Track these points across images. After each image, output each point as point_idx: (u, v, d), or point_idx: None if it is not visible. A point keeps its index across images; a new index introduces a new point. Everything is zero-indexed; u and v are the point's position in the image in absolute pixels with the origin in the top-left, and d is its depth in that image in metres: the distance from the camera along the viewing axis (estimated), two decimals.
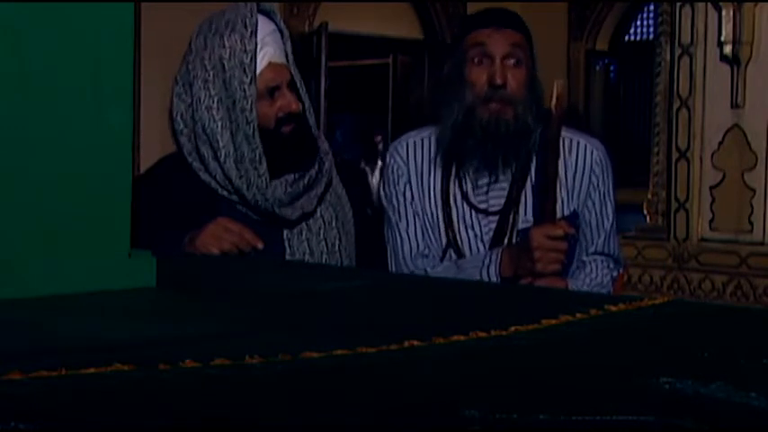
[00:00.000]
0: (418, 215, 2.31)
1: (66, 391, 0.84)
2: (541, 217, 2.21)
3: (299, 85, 2.17)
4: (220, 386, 0.87)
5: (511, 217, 2.26)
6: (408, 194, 2.32)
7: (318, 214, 2.20)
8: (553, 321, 1.17)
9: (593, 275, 2.31)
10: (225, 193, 2.15)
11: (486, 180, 2.27)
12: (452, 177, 2.30)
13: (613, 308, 1.26)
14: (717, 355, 1.01)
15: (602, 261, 2.33)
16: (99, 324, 1.20)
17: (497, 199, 2.27)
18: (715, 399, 0.84)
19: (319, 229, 2.20)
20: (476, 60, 2.22)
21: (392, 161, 2.35)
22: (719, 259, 4.76)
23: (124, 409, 0.81)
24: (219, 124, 2.10)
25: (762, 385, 0.87)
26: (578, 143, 2.32)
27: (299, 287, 1.56)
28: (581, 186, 2.29)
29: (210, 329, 1.16)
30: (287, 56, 2.16)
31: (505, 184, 2.27)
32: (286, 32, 2.17)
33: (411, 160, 2.33)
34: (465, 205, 2.29)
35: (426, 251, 2.31)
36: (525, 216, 2.26)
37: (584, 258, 2.32)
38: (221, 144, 2.11)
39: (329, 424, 0.78)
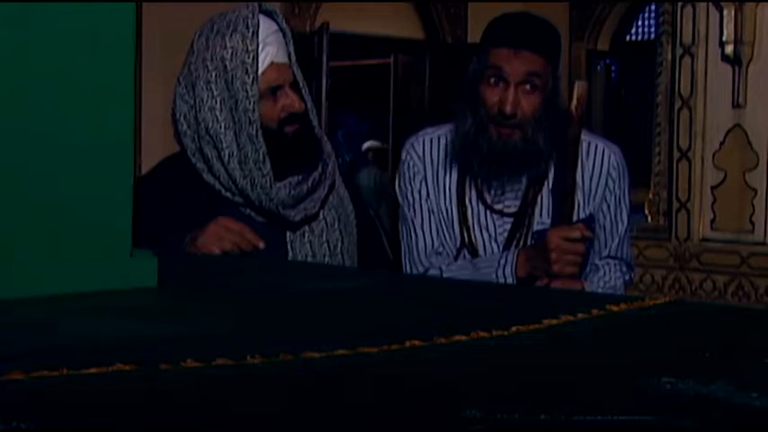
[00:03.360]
0: (433, 212, 2.32)
1: (68, 391, 0.84)
2: (559, 219, 2.20)
3: (301, 85, 2.17)
4: (221, 386, 0.87)
5: (526, 219, 2.26)
6: (424, 191, 2.33)
7: (321, 216, 2.21)
8: (554, 321, 1.17)
9: (606, 278, 2.31)
10: (228, 194, 2.15)
11: (500, 182, 2.27)
12: (468, 177, 2.30)
13: (615, 308, 1.26)
14: (718, 356, 1.01)
15: (615, 265, 2.33)
16: (100, 324, 1.20)
17: (513, 200, 2.27)
18: (716, 399, 0.84)
19: (322, 230, 2.20)
20: (492, 81, 2.21)
21: (408, 157, 2.35)
22: (721, 259, 4.76)
23: (125, 408, 0.81)
24: (223, 125, 2.11)
25: (763, 385, 0.87)
26: (596, 146, 2.32)
27: (301, 287, 1.56)
28: (597, 190, 2.28)
29: (212, 329, 1.16)
30: (290, 56, 2.16)
31: (522, 186, 2.27)
32: (288, 33, 2.17)
33: (427, 157, 2.33)
34: (480, 205, 2.29)
35: (441, 248, 2.31)
36: (540, 218, 2.26)
37: (597, 262, 2.32)
38: (225, 145, 2.11)
39: (329, 424, 0.78)
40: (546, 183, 2.27)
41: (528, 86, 2.19)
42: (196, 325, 1.19)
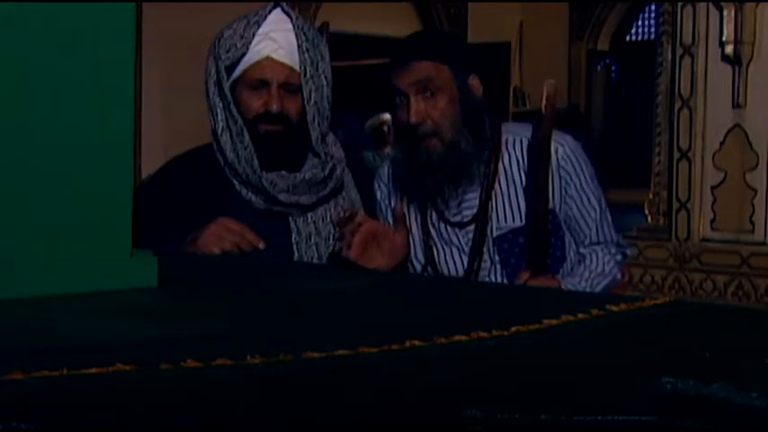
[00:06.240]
0: None
1: (68, 391, 0.84)
2: (534, 218, 2.21)
3: (306, 94, 2.16)
4: (221, 386, 0.87)
5: (485, 225, 2.27)
6: (390, 219, 2.34)
7: (329, 219, 2.21)
8: (554, 321, 1.17)
9: (592, 266, 2.31)
10: (230, 170, 2.19)
11: (453, 194, 2.28)
12: (426, 198, 2.31)
13: (615, 308, 1.26)
14: (718, 356, 1.01)
15: (601, 249, 2.33)
16: (100, 324, 1.20)
17: (470, 210, 2.28)
18: (716, 399, 0.84)
19: (329, 233, 2.21)
20: (398, 101, 2.24)
21: (376, 186, 2.38)
22: (721, 259, 4.76)
23: (126, 408, 0.81)
24: (218, 99, 2.19)
25: (763, 385, 0.87)
26: None
27: (301, 287, 1.56)
28: (552, 186, 2.28)
29: (212, 329, 1.16)
30: (303, 65, 2.15)
31: (475, 194, 2.28)
32: (309, 42, 2.18)
33: (391, 183, 2.36)
34: (441, 222, 2.30)
35: None
36: (498, 223, 2.27)
37: (582, 251, 2.32)
38: (219, 118, 2.18)
39: (330, 424, 0.78)
40: (498, 185, 2.28)
41: (428, 93, 2.21)
42: (196, 325, 1.19)
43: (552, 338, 1.11)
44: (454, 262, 2.30)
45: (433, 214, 2.31)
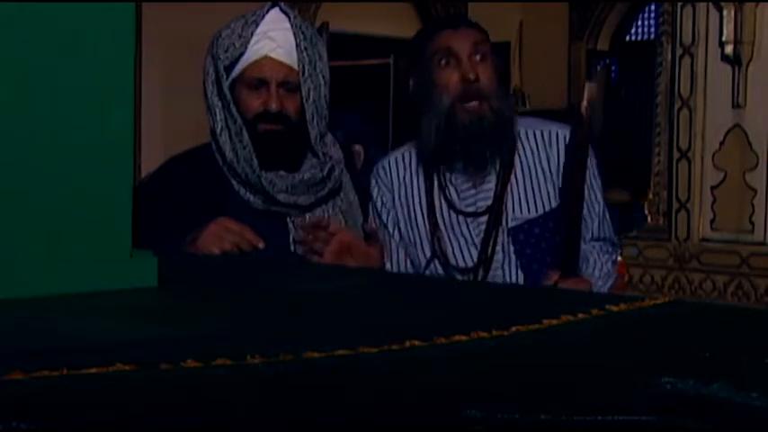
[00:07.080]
0: (402, 235, 2.32)
1: (68, 391, 0.84)
2: (570, 221, 2.20)
3: (304, 93, 2.16)
4: (221, 386, 0.87)
5: (500, 215, 2.26)
6: (392, 220, 2.32)
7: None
8: (554, 321, 1.17)
9: (598, 266, 2.31)
10: (229, 170, 2.19)
11: (469, 183, 2.27)
12: (436, 187, 2.30)
13: (615, 308, 1.26)
14: (718, 356, 1.01)
15: (600, 247, 2.33)
16: (100, 324, 1.20)
17: (484, 201, 2.27)
18: (716, 399, 0.84)
19: None
20: (443, 63, 2.22)
21: (374, 182, 2.36)
22: (721, 259, 4.76)
23: (125, 408, 0.81)
24: (216, 99, 2.19)
25: (763, 385, 0.87)
26: (557, 134, 2.31)
27: (300, 287, 1.56)
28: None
29: (211, 329, 1.16)
30: (302, 64, 2.15)
31: (490, 184, 2.27)
32: (307, 41, 2.17)
33: (394, 177, 2.34)
34: (452, 213, 2.28)
35: None
36: (513, 214, 2.25)
37: (583, 246, 2.32)
38: (218, 117, 2.18)
39: (330, 424, 0.78)
40: (513, 176, 2.27)
41: (478, 57, 2.22)
42: (196, 325, 1.19)
43: (552, 338, 1.11)
44: (462, 254, 2.28)
45: (443, 204, 2.29)
